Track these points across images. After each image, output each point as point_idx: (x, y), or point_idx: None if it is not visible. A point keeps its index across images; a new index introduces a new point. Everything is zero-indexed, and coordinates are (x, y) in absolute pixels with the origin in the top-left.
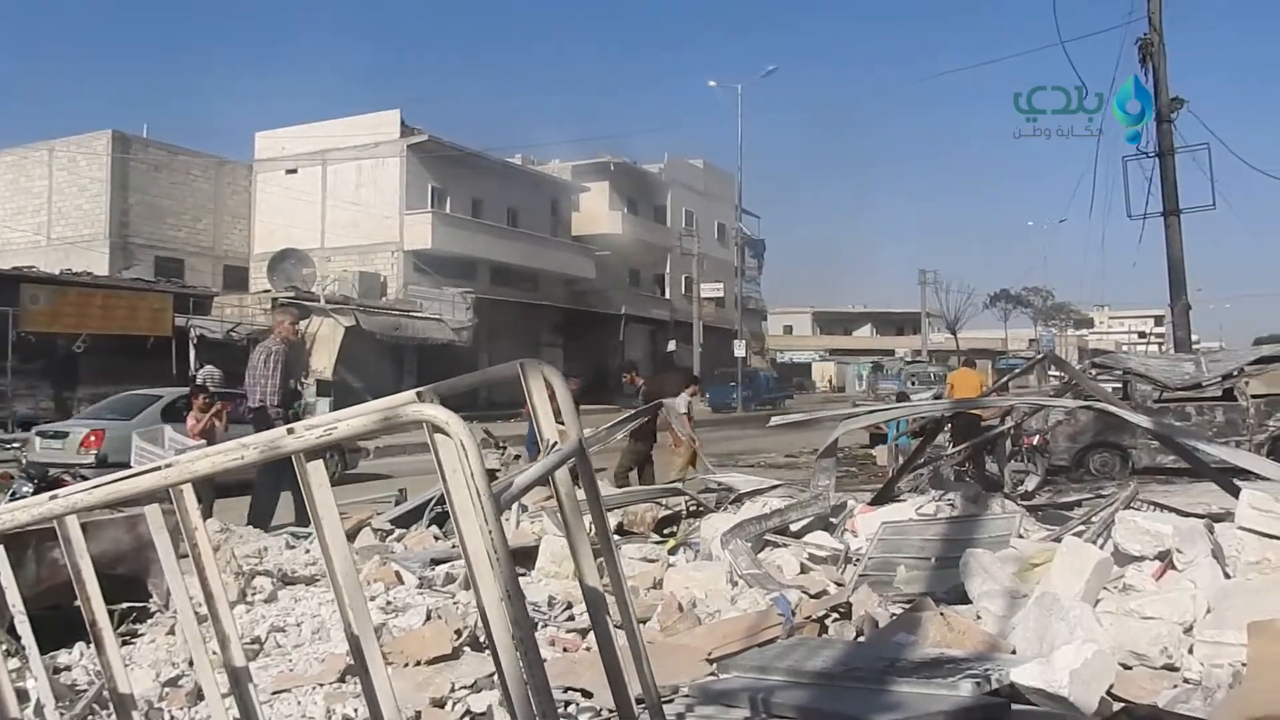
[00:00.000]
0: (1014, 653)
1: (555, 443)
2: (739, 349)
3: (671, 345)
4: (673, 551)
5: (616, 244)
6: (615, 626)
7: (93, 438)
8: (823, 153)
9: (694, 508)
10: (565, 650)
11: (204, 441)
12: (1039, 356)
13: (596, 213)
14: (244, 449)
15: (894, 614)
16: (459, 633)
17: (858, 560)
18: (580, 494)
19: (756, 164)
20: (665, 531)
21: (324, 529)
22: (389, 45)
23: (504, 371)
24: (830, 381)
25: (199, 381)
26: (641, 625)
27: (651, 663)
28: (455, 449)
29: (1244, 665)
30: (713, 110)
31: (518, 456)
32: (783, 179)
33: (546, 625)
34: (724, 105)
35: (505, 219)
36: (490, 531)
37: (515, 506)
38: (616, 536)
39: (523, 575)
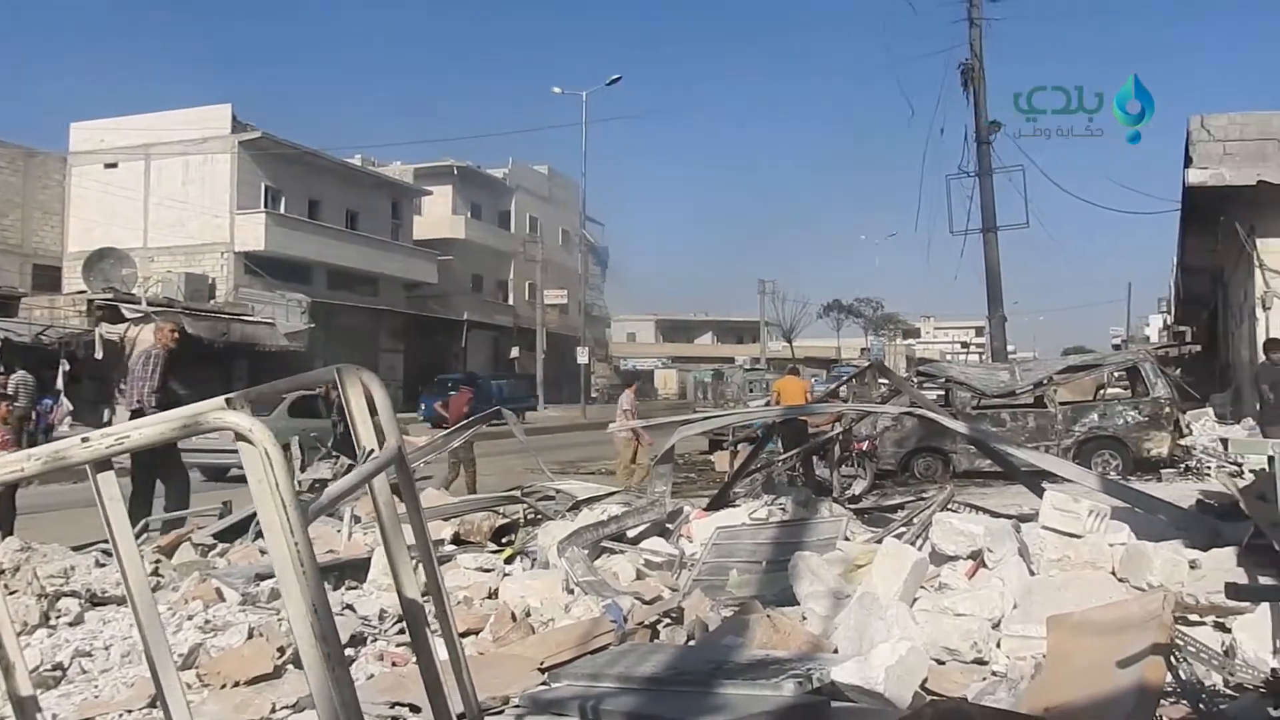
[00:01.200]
0: (836, 651)
1: (372, 450)
2: (582, 355)
3: (514, 352)
4: (509, 560)
5: (459, 249)
6: (436, 638)
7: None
8: (667, 163)
9: (532, 515)
10: (394, 664)
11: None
12: (866, 365)
13: (439, 217)
14: (27, 460)
15: (725, 617)
16: (282, 650)
17: (692, 565)
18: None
19: (602, 171)
20: (503, 540)
21: (118, 543)
22: (219, 35)
23: (321, 376)
24: (674, 388)
25: (9, 390)
26: (474, 635)
27: (484, 674)
28: (259, 458)
29: (1044, 657)
30: (559, 116)
31: (351, 466)
32: (628, 187)
33: (376, 639)
34: (573, 112)
35: (344, 221)
36: (296, 543)
37: (347, 517)
38: (452, 546)
39: (354, 588)
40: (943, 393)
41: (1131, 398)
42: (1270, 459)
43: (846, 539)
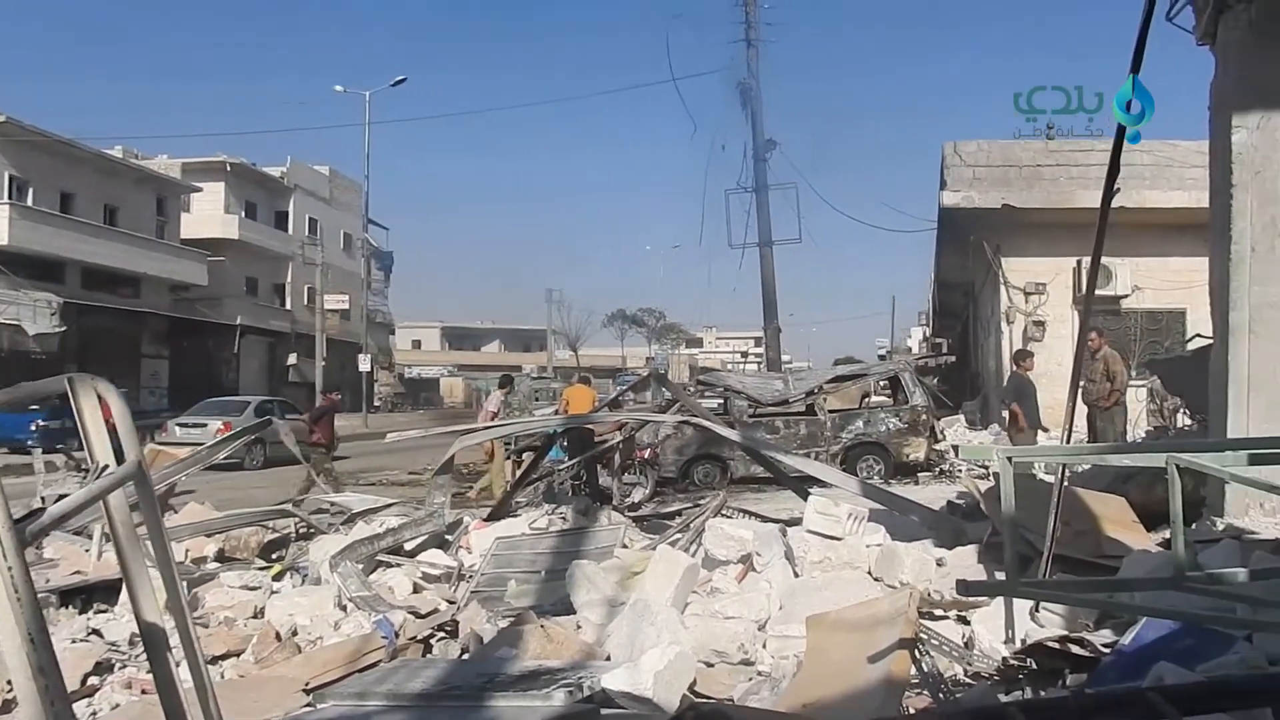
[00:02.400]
0: (609, 659)
1: (106, 465)
2: (364, 363)
3: (292, 359)
4: (278, 577)
5: (232, 250)
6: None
7: (222, 426)
8: (454, 168)
9: (304, 530)
10: (143, 692)
11: None
12: (645, 375)
13: (210, 215)
14: None
15: (501, 629)
16: (10, 684)
17: (471, 577)
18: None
19: (386, 174)
20: (273, 556)
21: None
22: None
23: (51, 386)
24: (459, 396)
25: None
26: (235, 658)
27: (244, 697)
28: None
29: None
30: (340, 115)
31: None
32: (414, 191)
33: (125, 666)
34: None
35: (102, 216)
36: (10, 567)
37: (97, 536)
38: (216, 564)
39: (104, 611)
40: (721, 401)
41: (893, 405)
42: (999, 462)
43: (624, 546)
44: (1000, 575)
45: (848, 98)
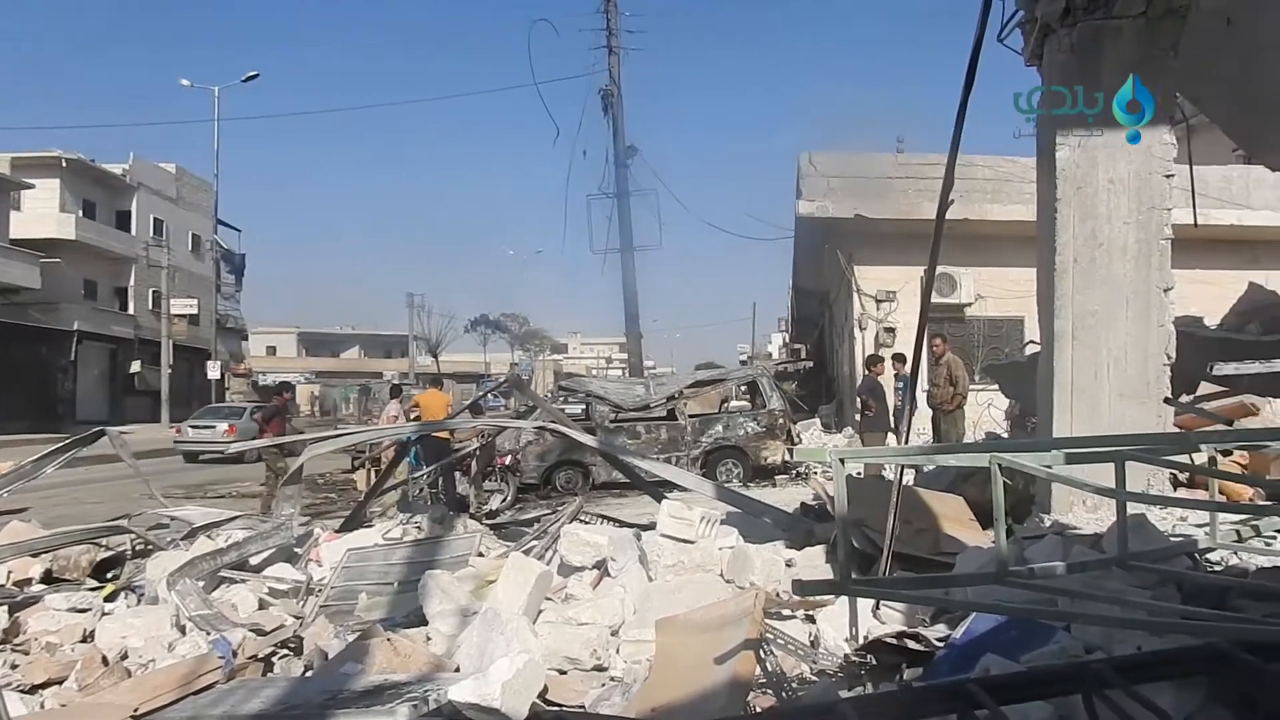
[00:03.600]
0: (458, 670)
1: None
2: (213, 370)
3: (135, 366)
4: (110, 598)
5: (69, 251)
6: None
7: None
8: (312, 169)
9: (141, 546)
10: None
11: None
12: (501, 380)
13: (43, 214)
14: None
15: (349, 644)
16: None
17: (320, 591)
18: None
19: (239, 173)
20: (107, 575)
21: None
22: None
23: None
24: (318, 404)
25: None
26: (57, 686)
27: None
28: None
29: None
30: (188, 111)
31: None
32: (268, 191)
33: None
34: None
35: None
36: None
37: None
38: (42, 585)
39: None
40: (584, 406)
41: (751, 410)
42: (834, 463)
43: (480, 555)
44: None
45: (710, 106)
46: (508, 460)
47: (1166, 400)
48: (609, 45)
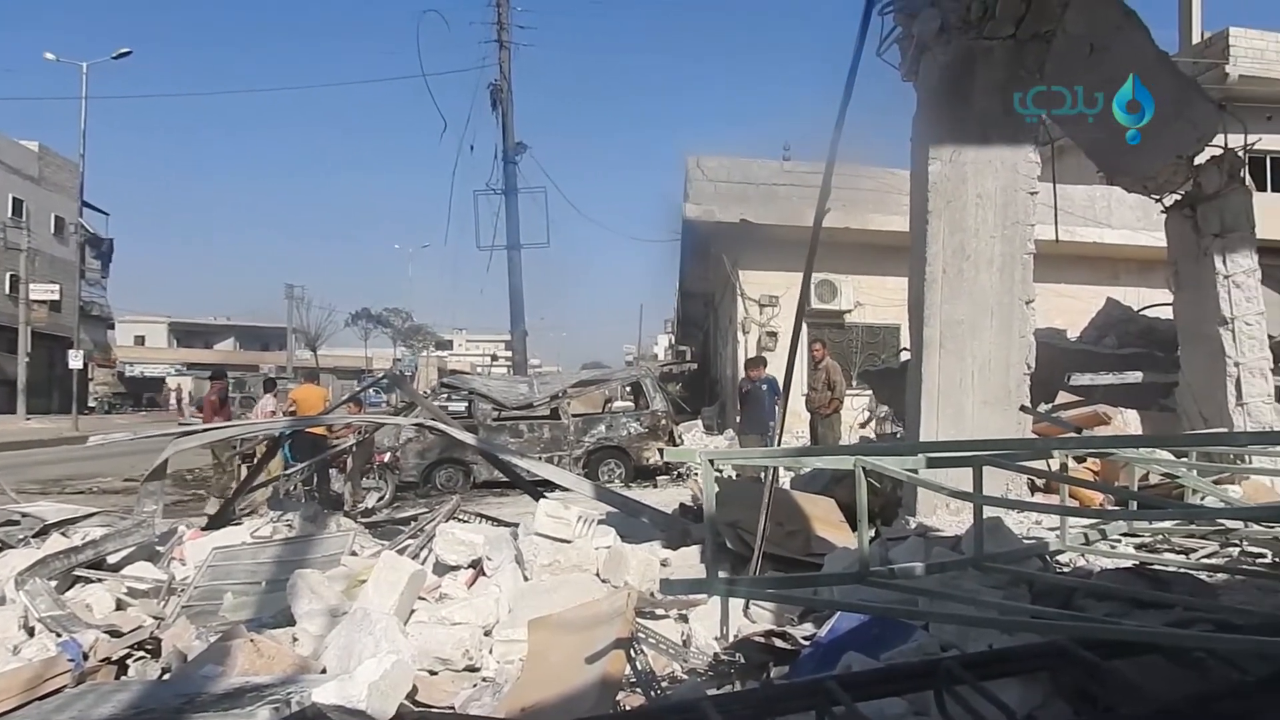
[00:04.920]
0: (324, 671)
1: None
2: (75, 360)
3: None
4: None
5: None
6: None
7: None
8: (187, 152)
9: None
10: None
11: None
12: (380, 376)
13: None
14: None
15: (209, 645)
16: None
17: (182, 591)
18: None
19: (109, 154)
20: None
21: None
22: None
23: None
24: (188, 397)
25: None
26: None
27: None
28: None
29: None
30: (53, 88)
31: None
32: (140, 174)
33: None
34: (69, 82)
35: None
36: None
37: None
38: None
39: None
40: (467, 404)
41: (635, 410)
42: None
43: (354, 554)
44: (720, 573)
45: (601, 106)
46: (387, 457)
47: (1023, 408)
48: (499, 40)
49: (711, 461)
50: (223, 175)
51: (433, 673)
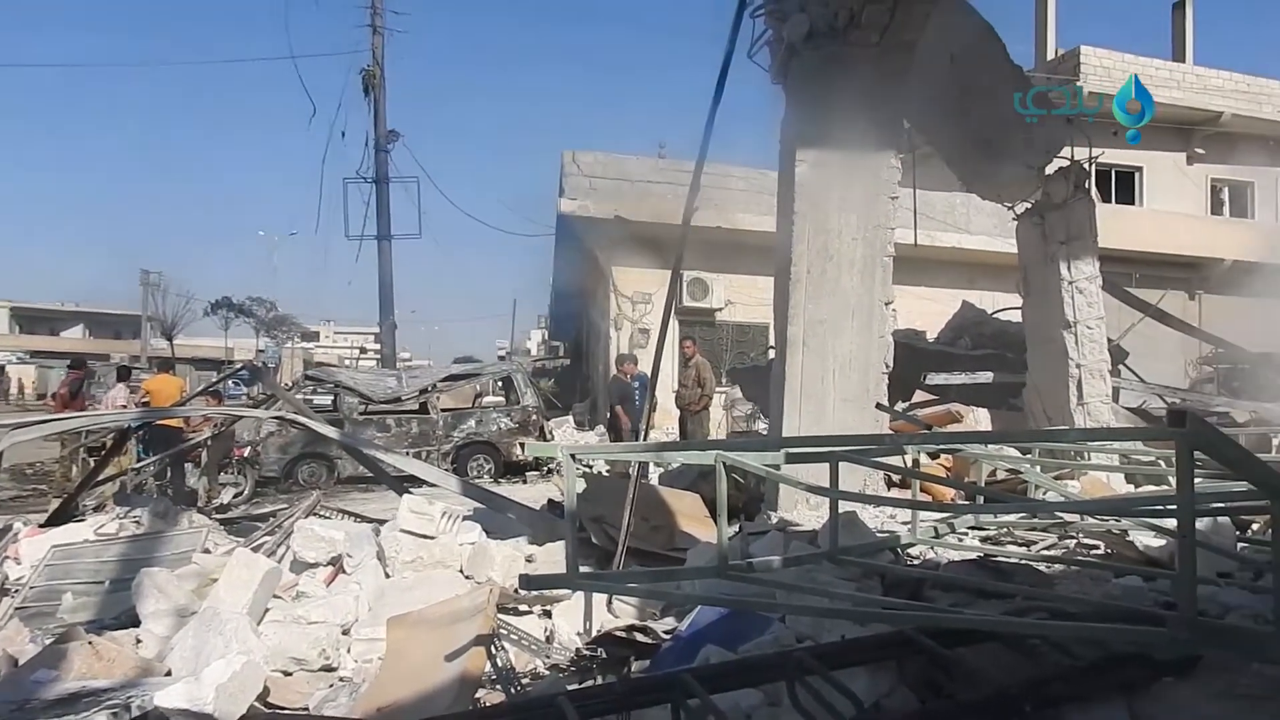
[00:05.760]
0: (170, 674)
1: None
2: None
3: None
4: None
5: None
6: None
7: None
8: (30, 125)
9: None
10: None
11: None
12: (239, 367)
13: None
14: None
15: (43, 648)
16: None
17: (16, 591)
18: None
19: None
20: None
21: None
22: None
23: None
24: (29, 386)
25: None
26: None
27: None
28: None
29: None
30: None
31: None
32: None
33: None
34: None
35: None
36: None
37: None
38: None
39: None
40: (332, 397)
41: (505, 406)
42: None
43: (207, 551)
44: (585, 568)
45: (478, 98)
46: (246, 452)
47: (880, 406)
48: (373, 24)
49: (574, 456)
50: (76, 151)
51: (287, 673)
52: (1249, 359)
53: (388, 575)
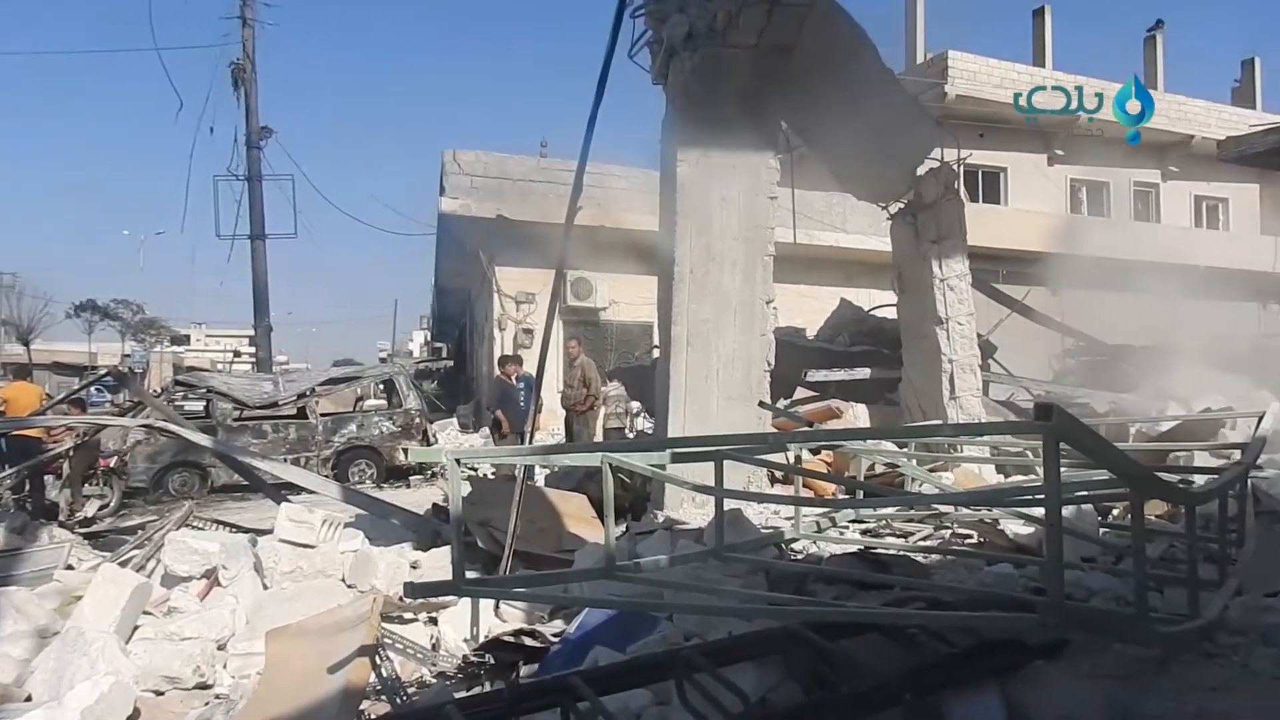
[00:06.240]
0: (30, 699)
1: None
2: None
3: None
4: None
5: None
6: None
7: None
8: None
9: None
10: None
11: None
12: (103, 373)
13: None
14: None
15: None
16: None
17: None
18: None
19: None
20: None
21: None
22: None
23: None
24: None
25: None
26: None
27: None
28: None
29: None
30: None
31: None
32: None
33: None
34: None
35: None
36: None
37: None
38: None
39: None
40: (205, 403)
41: (387, 409)
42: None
43: (70, 567)
44: (471, 573)
45: (357, 95)
46: (112, 462)
47: (762, 404)
48: (243, 16)
49: (459, 461)
50: None
51: (159, 693)
52: (1106, 351)
53: (266, 587)
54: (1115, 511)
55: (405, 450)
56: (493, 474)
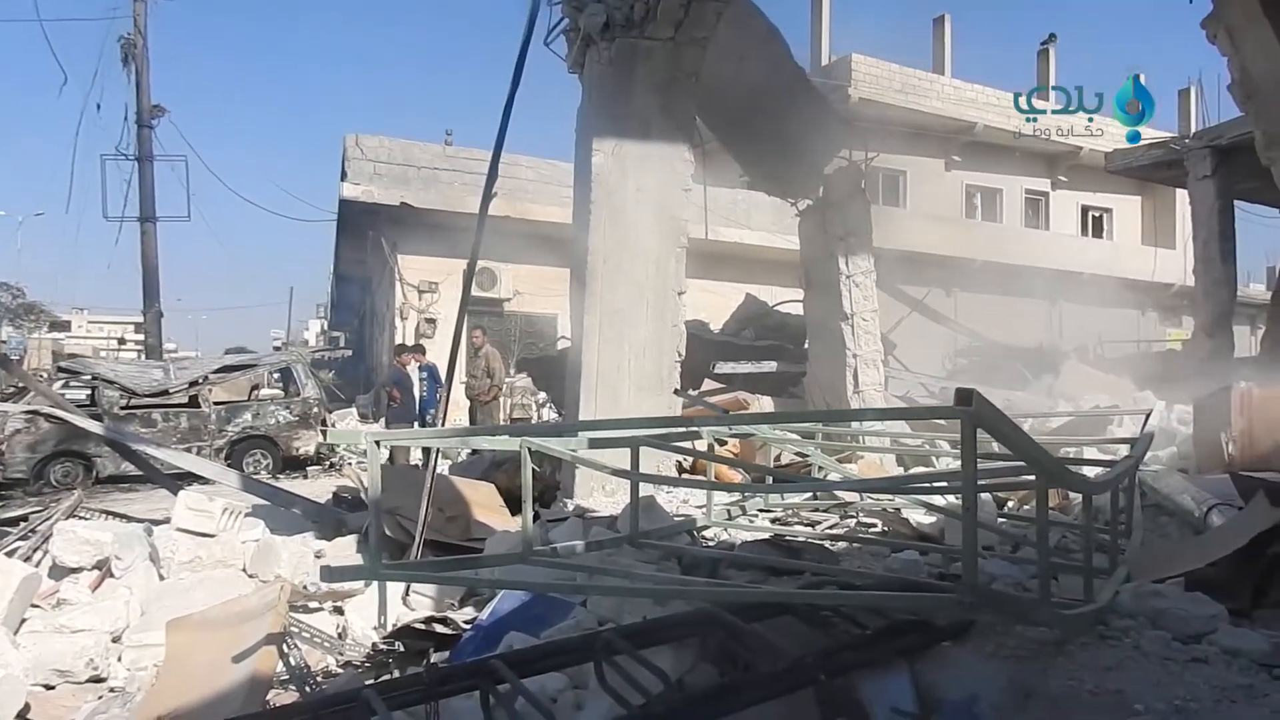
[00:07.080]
0: None
1: None
2: None
3: None
4: None
5: None
6: None
7: None
8: None
9: None
10: None
11: None
12: None
13: None
14: None
15: None
16: None
17: None
18: None
19: None
20: None
21: None
22: None
23: None
24: None
25: None
26: None
27: None
28: None
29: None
30: None
31: None
32: None
33: None
34: None
35: None
36: None
37: None
38: None
39: None
40: (89, 391)
41: (284, 398)
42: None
43: None
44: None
45: (253, 76)
46: None
47: (676, 392)
48: None
49: (378, 443)
50: None
51: (49, 687)
52: (996, 350)
53: (162, 577)
54: (1010, 503)
55: (324, 432)
56: (388, 461)
